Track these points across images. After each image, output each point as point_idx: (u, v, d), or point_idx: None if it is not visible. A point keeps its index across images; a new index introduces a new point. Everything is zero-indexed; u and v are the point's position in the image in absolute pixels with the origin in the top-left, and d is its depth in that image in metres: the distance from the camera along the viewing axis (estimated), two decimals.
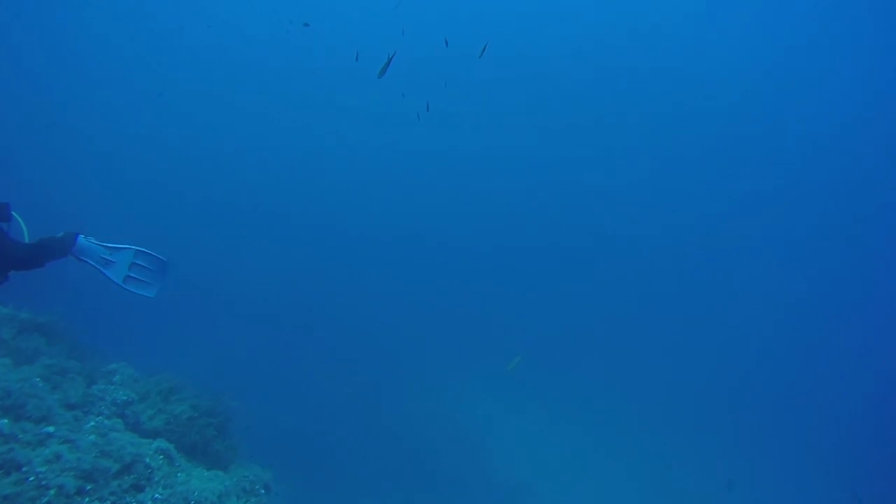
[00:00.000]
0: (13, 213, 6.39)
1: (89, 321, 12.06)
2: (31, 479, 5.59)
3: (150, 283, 5.99)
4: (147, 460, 7.02)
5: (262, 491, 9.04)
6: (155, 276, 6.03)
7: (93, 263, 5.85)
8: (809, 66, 35.93)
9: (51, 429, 6.39)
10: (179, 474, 7.52)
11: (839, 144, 36.41)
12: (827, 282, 35.69)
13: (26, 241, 5.92)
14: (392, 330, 24.63)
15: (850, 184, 36.27)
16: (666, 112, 37.19)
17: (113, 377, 9.74)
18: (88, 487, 5.89)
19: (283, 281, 25.21)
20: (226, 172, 31.03)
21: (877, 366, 30.89)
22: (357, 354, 21.94)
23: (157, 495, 6.64)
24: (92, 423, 7.20)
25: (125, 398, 8.96)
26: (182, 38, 33.62)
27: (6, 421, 6.09)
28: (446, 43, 19.36)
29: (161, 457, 7.37)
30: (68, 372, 8.91)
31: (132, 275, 5.95)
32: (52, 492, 5.54)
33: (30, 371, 8.26)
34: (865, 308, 34.70)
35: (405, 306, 27.01)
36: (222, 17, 33.49)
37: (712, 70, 37.15)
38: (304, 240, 29.05)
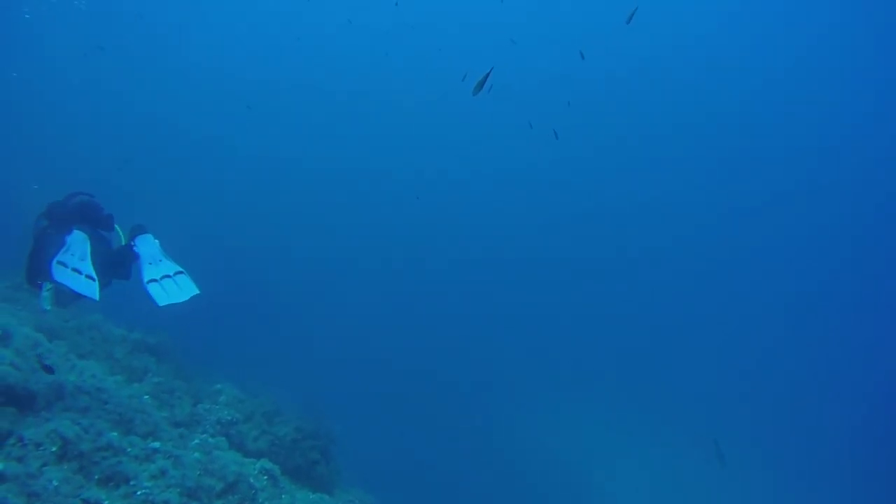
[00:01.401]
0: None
1: (196, 343, 12.23)
2: (139, 493, 5.42)
3: (169, 296, 5.84)
4: (251, 480, 6.77)
5: None
6: (177, 295, 5.88)
7: (142, 255, 5.94)
8: (810, 68, 35.43)
9: (157, 444, 6.25)
10: (283, 496, 7.23)
11: (851, 143, 35.45)
12: (852, 280, 34.67)
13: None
14: (496, 351, 24.29)
15: (869, 182, 35.24)
16: (675, 116, 36.82)
17: (218, 397, 9.71)
18: None
19: (384, 302, 25.29)
20: (322, 197, 31.62)
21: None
22: (460, 377, 21.61)
23: None
24: (196, 441, 7.04)
25: (230, 418, 8.86)
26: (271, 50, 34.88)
27: (115, 434, 5.98)
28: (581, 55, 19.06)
29: (265, 477, 7.11)
30: (175, 391, 8.91)
31: (160, 283, 5.88)
32: None
33: (139, 388, 8.29)
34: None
35: (509, 327, 26.73)
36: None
37: (714, 72, 36.52)
38: (406, 260, 29.07)
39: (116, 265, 6.04)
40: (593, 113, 34.80)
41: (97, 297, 5.46)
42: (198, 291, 5.95)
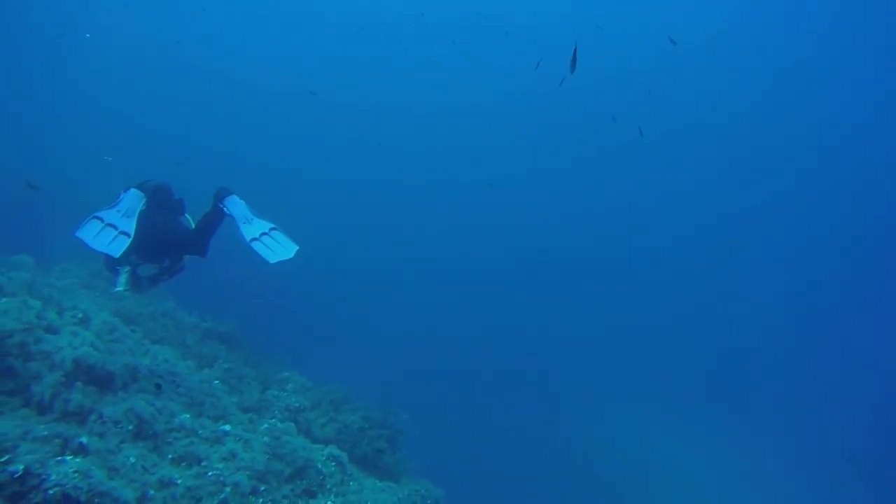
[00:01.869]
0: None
1: (264, 332, 12.41)
2: (210, 473, 5.43)
3: (275, 254, 5.93)
4: (319, 466, 6.73)
5: None
6: (282, 252, 5.98)
7: (236, 216, 5.96)
8: (811, 68, 34.83)
9: (227, 427, 6.27)
10: (351, 483, 7.17)
11: (853, 143, 35.01)
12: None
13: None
14: (559, 344, 24.04)
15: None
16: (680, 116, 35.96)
17: (286, 384, 9.78)
18: (262, 488, 5.65)
19: (453, 293, 25.28)
20: (386, 183, 31.76)
21: None
22: (529, 371, 21.42)
23: (329, 503, 6.29)
24: (266, 426, 7.05)
25: (297, 405, 8.89)
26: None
27: (188, 416, 6.04)
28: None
29: (333, 464, 7.06)
30: (244, 377, 9.01)
31: (261, 241, 5.94)
32: (228, 489, 5.33)
33: (210, 374, 8.41)
34: None
35: (580, 321, 26.46)
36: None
37: (716, 75, 36.16)
38: (474, 253, 29.00)
39: (200, 234, 6.10)
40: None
41: (117, 253, 5.43)
42: (298, 247, 6.03)
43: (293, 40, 35.94)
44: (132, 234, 5.54)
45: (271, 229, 6.00)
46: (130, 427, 5.45)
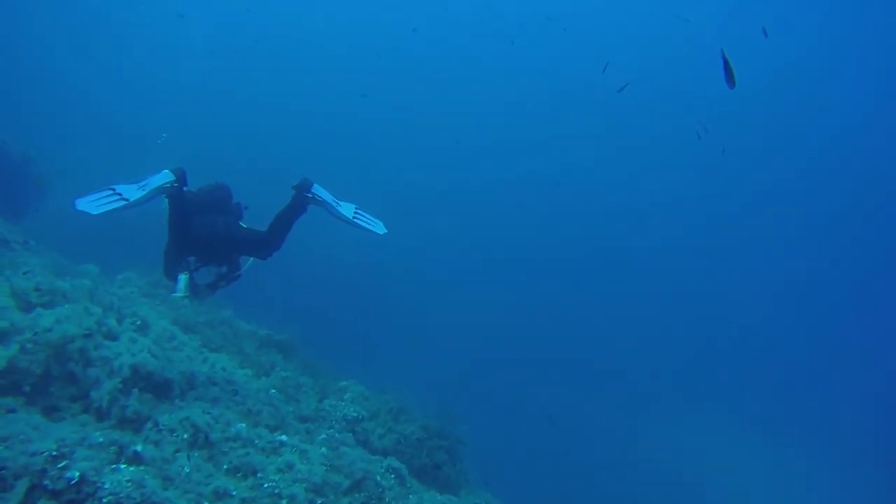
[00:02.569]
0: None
1: (320, 341, 12.34)
2: (266, 485, 5.24)
3: (377, 227, 6.01)
4: (378, 478, 6.47)
5: None
6: (376, 228, 6.03)
7: (328, 200, 5.87)
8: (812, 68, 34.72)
9: (284, 437, 6.09)
10: (411, 496, 6.89)
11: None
12: None
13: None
14: (619, 354, 23.61)
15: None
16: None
17: (344, 394, 9.59)
18: (319, 501, 5.42)
19: (513, 299, 25.10)
20: (440, 198, 31.77)
21: None
22: (584, 381, 21.00)
23: None
24: (323, 436, 6.86)
25: (355, 415, 8.69)
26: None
27: (244, 426, 5.88)
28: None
29: (392, 476, 6.79)
30: (302, 386, 8.87)
31: (356, 218, 5.99)
32: (284, 501, 5.13)
33: (267, 382, 8.29)
34: None
35: (634, 330, 26.03)
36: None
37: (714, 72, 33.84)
38: (527, 262, 28.78)
39: (276, 232, 5.95)
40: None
41: (95, 212, 5.10)
42: (384, 232, 6.02)
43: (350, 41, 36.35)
44: (131, 201, 5.33)
45: (356, 210, 6.00)
46: (186, 436, 5.31)
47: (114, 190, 5.38)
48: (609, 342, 25.26)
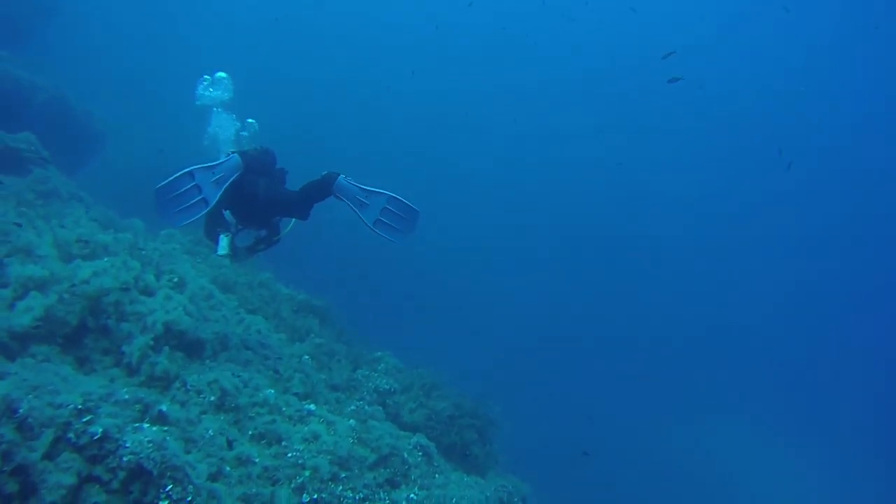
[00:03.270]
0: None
1: (359, 309, 12.30)
2: (290, 455, 5.16)
3: (400, 229, 5.70)
4: (405, 455, 6.35)
5: None
6: (405, 223, 5.72)
7: (349, 203, 5.67)
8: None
9: (312, 406, 6.00)
10: (437, 476, 6.75)
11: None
12: None
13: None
14: (655, 344, 23.25)
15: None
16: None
17: (377, 365, 9.52)
18: (343, 475, 5.31)
19: (555, 284, 24.93)
20: (491, 178, 31.58)
21: None
22: (618, 370, 20.71)
23: (412, 495, 5.88)
24: (352, 407, 6.77)
25: (387, 387, 8.60)
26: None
27: (272, 392, 5.81)
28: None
29: (420, 454, 6.67)
30: (335, 354, 8.81)
31: (383, 219, 5.68)
32: (307, 472, 5.03)
33: (301, 348, 8.25)
34: None
35: (669, 323, 25.65)
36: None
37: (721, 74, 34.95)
38: (562, 250, 28.55)
39: (306, 196, 5.89)
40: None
41: (182, 222, 5.27)
42: (419, 211, 5.79)
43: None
44: (211, 204, 5.33)
45: (389, 199, 5.66)
46: (213, 398, 5.26)
47: (193, 177, 5.28)
48: (636, 339, 25.01)
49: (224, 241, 6.07)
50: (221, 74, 6.65)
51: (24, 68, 13.11)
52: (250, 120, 7.21)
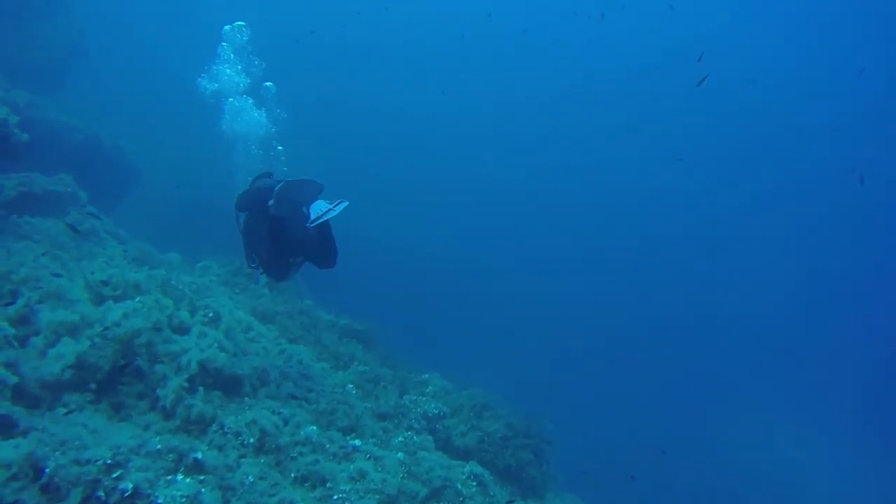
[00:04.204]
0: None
1: (403, 330, 11.99)
2: (336, 497, 4.83)
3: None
4: (458, 486, 5.97)
5: None
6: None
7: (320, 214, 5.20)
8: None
9: (357, 442, 5.66)
10: None
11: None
12: None
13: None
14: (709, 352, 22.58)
15: None
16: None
17: (425, 388, 9.17)
18: None
19: (600, 294, 24.47)
20: (522, 193, 31.34)
21: None
22: (681, 379, 20.08)
23: None
24: (400, 439, 6.41)
25: (436, 411, 8.22)
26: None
27: (315, 428, 5.49)
28: None
29: (474, 483, 6.27)
30: (381, 380, 8.48)
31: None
32: None
33: (344, 377, 7.95)
34: None
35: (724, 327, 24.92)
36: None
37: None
38: (608, 258, 28.08)
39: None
40: None
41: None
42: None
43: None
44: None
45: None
46: (252, 440, 4.98)
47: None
48: (685, 339, 24.40)
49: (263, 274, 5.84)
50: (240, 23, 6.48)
51: (58, 111, 13.26)
52: (280, 147, 7.06)
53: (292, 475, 4.90)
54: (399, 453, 5.86)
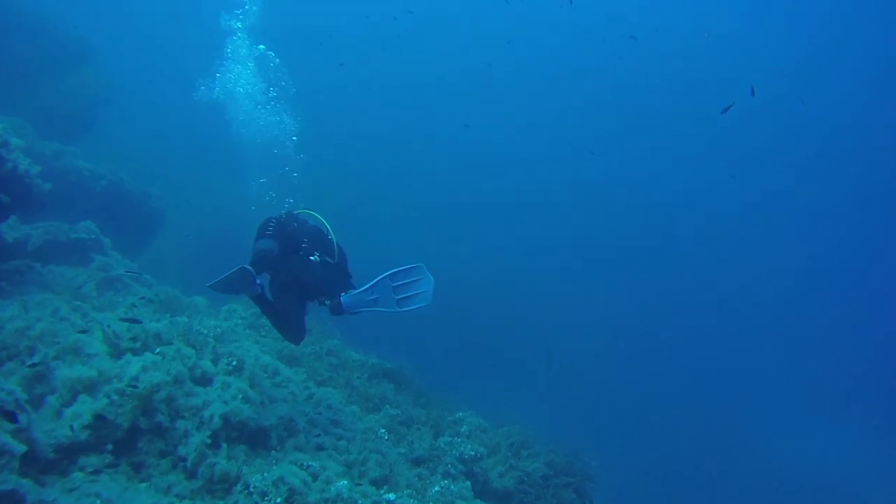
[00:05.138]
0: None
1: (434, 366, 11.65)
2: None
3: (421, 292, 5.29)
4: None
5: None
6: (420, 284, 5.31)
7: (367, 310, 5.34)
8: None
9: (391, 496, 5.29)
10: None
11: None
12: None
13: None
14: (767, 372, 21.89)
15: None
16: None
17: (460, 427, 8.79)
18: None
19: (635, 319, 23.99)
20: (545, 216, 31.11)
21: None
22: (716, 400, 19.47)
23: None
24: (437, 488, 6.03)
25: (473, 453, 7.81)
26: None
27: (346, 483, 5.14)
28: None
29: None
30: (414, 422, 8.12)
31: (400, 296, 5.26)
32: None
33: (376, 420, 7.60)
34: None
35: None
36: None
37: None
38: (638, 276, 27.59)
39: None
40: None
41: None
42: (418, 264, 5.40)
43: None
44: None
45: (392, 278, 5.28)
46: (279, 500, 4.64)
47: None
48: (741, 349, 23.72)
49: None
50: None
51: (85, 159, 13.39)
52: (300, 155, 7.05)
53: None
54: None
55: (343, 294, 5.36)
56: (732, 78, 31.27)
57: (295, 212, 6.02)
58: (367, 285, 5.28)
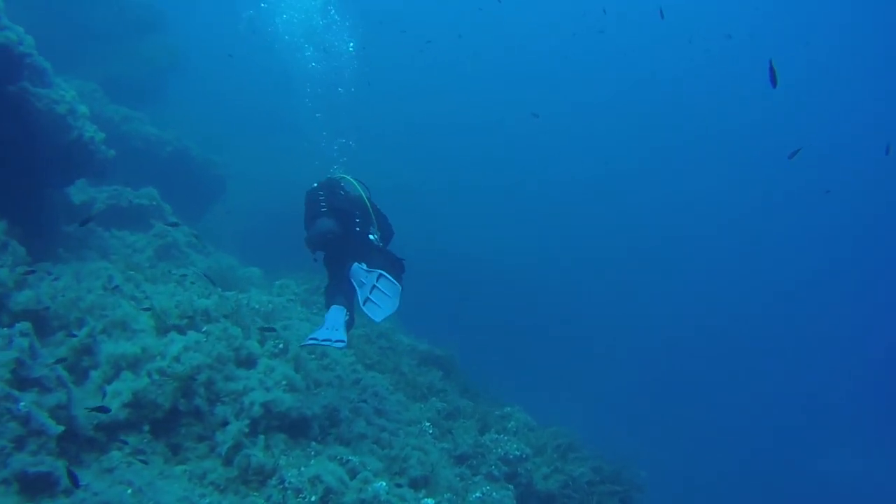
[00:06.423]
0: None
1: (485, 355, 11.42)
2: None
3: (381, 307, 5.24)
4: None
5: None
6: (387, 302, 5.26)
7: (354, 284, 5.37)
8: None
9: (430, 501, 5.06)
10: None
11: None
12: None
13: None
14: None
15: None
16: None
17: (507, 423, 8.52)
18: None
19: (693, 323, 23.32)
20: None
21: None
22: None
23: None
24: (478, 494, 5.78)
25: (518, 453, 7.53)
26: None
27: (384, 484, 4.94)
28: None
29: None
30: (459, 415, 7.89)
31: (371, 297, 5.25)
32: None
33: (421, 412, 7.39)
34: None
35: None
36: None
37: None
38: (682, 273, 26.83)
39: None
40: None
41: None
42: (400, 287, 5.33)
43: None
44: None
45: (378, 279, 5.29)
46: (314, 498, 4.48)
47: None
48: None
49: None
50: None
51: (151, 125, 13.57)
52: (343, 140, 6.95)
53: None
54: None
55: (356, 263, 5.38)
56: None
57: (335, 177, 6.01)
58: (369, 269, 5.34)
